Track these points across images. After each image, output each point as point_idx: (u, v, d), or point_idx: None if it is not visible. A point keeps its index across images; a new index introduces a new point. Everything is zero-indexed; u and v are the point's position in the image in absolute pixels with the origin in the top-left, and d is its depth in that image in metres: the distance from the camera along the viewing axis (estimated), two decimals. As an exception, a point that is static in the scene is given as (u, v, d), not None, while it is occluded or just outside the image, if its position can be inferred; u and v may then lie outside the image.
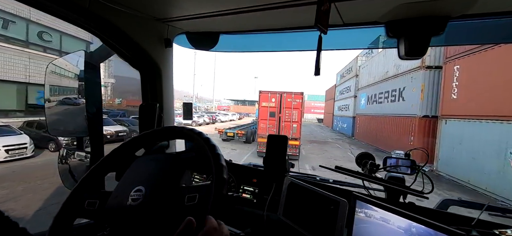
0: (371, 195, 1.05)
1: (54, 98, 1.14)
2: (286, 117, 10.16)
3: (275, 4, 0.86)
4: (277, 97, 10.18)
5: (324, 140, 17.96)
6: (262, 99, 10.38)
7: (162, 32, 1.16)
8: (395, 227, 0.70)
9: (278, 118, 10.14)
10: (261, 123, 10.48)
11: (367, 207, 0.78)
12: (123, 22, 0.97)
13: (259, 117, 10.59)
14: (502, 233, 0.75)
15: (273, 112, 10.24)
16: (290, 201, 1.00)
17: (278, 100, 10.17)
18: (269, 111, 10.22)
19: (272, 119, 10.21)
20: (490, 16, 0.83)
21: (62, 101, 1.16)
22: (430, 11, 0.81)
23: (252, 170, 1.31)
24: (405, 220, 0.69)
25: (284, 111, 10.14)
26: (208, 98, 75.22)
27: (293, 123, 10.12)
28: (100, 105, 1.09)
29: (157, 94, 1.23)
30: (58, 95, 1.16)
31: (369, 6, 0.84)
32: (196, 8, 0.97)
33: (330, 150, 12.98)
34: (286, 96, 10.13)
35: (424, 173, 1.00)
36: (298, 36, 1.18)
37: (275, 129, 10.14)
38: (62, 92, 1.17)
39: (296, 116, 10.12)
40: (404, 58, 0.91)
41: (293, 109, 10.10)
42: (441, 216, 0.90)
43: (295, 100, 10.11)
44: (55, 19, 1.00)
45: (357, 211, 0.80)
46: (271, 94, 10.24)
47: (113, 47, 1.04)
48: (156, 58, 1.17)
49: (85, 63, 1.05)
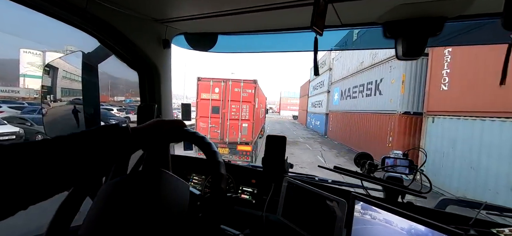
0: (370, 195, 1.06)
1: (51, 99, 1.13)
2: (233, 113, 7.34)
3: (273, 5, 0.86)
4: (222, 86, 7.25)
5: (294, 139, 15.74)
6: (201, 89, 7.33)
7: (160, 33, 1.16)
8: (393, 227, 0.70)
9: (222, 115, 7.32)
10: (200, 122, 7.41)
11: (365, 207, 0.78)
12: (121, 23, 0.96)
13: (198, 113, 7.45)
14: (500, 232, 0.75)
15: (217, 107, 7.31)
16: (289, 202, 1.00)
17: (222, 90, 7.27)
18: (212, 105, 7.33)
19: (216, 116, 7.33)
20: (487, 17, 0.84)
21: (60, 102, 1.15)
22: (427, 12, 0.82)
23: (251, 170, 1.31)
24: (403, 220, 0.69)
25: (230, 106, 7.30)
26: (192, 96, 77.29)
27: (243, 122, 7.38)
28: (98, 106, 1.08)
29: (155, 95, 1.23)
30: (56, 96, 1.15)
31: (367, 7, 0.84)
32: (194, 9, 0.97)
33: (298, 153, 10.82)
34: (233, 84, 7.24)
35: (422, 173, 1.01)
36: (295, 37, 1.18)
37: (219, 130, 7.39)
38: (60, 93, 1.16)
39: (246, 112, 7.38)
40: (402, 59, 0.91)
41: (242, 103, 7.31)
42: (440, 216, 0.91)
43: (245, 90, 7.29)
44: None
45: (356, 211, 0.80)
46: (214, 82, 7.29)
47: (111, 47, 1.04)
48: (154, 59, 1.16)
49: (82, 64, 1.05)
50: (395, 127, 8.52)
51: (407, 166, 1.10)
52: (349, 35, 1.17)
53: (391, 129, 8.82)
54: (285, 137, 1.22)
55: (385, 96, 9.44)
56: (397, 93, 8.59)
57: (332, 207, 0.85)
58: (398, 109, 8.42)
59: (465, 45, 2.84)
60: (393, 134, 8.65)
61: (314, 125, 23.14)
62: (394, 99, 8.77)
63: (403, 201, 1.00)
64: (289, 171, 1.27)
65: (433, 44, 0.94)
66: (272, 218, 1.05)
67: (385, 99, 9.40)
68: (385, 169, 1.11)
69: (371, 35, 1.09)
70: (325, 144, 14.65)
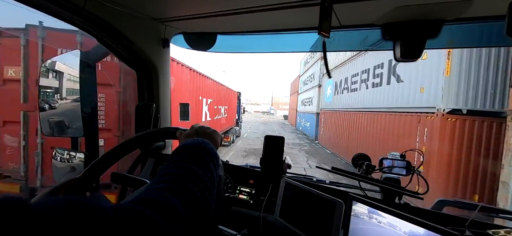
0: (367, 196, 1.06)
1: (49, 98, 1.13)
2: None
3: (272, 5, 0.86)
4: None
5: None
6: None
7: (159, 32, 1.16)
8: (390, 228, 0.71)
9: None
10: None
11: (363, 208, 0.79)
12: (120, 22, 0.96)
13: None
14: (495, 233, 0.76)
15: None
16: (287, 202, 1.00)
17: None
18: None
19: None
20: (485, 20, 0.85)
21: (58, 101, 1.14)
22: (426, 14, 0.82)
23: (249, 171, 1.31)
24: (400, 221, 0.69)
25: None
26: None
27: None
28: (95, 105, 1.08)
29: (153, 94, 1.22)
30: (54, 95, 1.15)
31: (366, 9, 0.85)
32: (194, 8, 0.97)
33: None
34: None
35: (419, 175, 1.01)
36: (294, 38, 1.18)
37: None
38: (57, 93, 1.16)
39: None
40: (400, 60, 0.92)
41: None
42: (436, 217, 0.91)
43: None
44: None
45: (353, 212, 0.80)
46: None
47: (110, 46, 1.04)
48: (153, 58, 1.16)
49: (80, 62, 1.05)
50: (433, 135, 4.51)
51: (405, 167, 1.11)
52: (347, 36, 1.18)
53: (423, 140, 4.80)
54: (283, 137, 1.22)
55: (410, 83, 5.47)
56: (436, 77, 4.60)
57: (329, 208, 0.85)
58: (440, 104, 4.41)
59: (466, 47, 2.73)
60: (429, 149, 4.56)
61: (303, 126, 19.51)
62: (429, 87, 4.81)
63: (400, 202, 1.00)
64: (287, 172, 1.28)
65: (432, 46, 0.94)
66: (269, 218, 1.05)
67: (410, 88, 5.46)
68: (382, 170, 1.11)
69: (369, 37, 1.10)
70: (314, 155, 10.56)
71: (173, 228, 0.33)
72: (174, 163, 0.45)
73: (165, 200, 0.35)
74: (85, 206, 0.27)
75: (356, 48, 1.23)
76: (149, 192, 0.37)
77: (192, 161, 0.46)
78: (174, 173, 0.42)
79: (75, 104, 1.08)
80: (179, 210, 0.35)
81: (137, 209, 0.32)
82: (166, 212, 0.34)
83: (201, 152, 0.49)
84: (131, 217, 0.30)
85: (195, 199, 0.39)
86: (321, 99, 14.39)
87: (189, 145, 0.50)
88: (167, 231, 0.32)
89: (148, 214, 0.31)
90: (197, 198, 0.39)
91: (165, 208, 0.34)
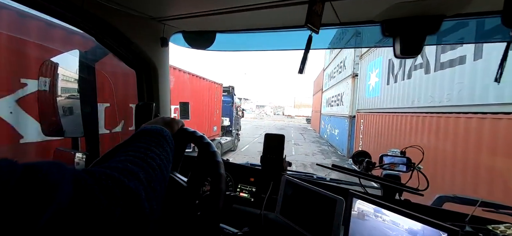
0: (368, 193, 1.06)
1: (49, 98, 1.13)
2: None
3: (272, 3, 0.86)
4: None
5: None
6: None
7: (158, 31, 1.15)
8: (391, 224, 0.71)
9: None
10: None
11: (363, 205, 0.79)
12: (119, 21, 0.96)
13: None
14: (495, 229, 0.76)
15: None
16: (288, 200, 1.00)
17: None
18: None
19: None
20: (485, 15, 0.84)
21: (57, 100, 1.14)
22: (425, 10, 0.82)
23: (250, 169, 1.31)
24: (401, 217, 0.70)
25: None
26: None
27: None
28: (95, 104, 1.08)
29: (153, 93, 1.22)
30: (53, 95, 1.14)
31: (365, 6, 0.84)
32: (192, 7, 0.96)
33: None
34: None
35: (419, 171, 1.01)
36: (295, 35, 1.17)
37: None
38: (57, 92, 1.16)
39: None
40: (400, 57, 0.91)
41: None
42: (436, 213, 0.91)
43: None
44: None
45: (353, 209, 0.81)
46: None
47: (109, 46, 1.03)
48: (152, 57, 1.16)
49: (79, 62, 1.04)
50: None
51: (405, 164, 1.11)
52: (347, 33, 1.17)
53: None
54: (283, 135, 1.22)
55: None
56: None
57: (330, 205, 0.86)
58: None
59: (465, 43, 2.70)
60: None
61: (330, 134, 14.31)
62: None
63: (401, 198, 1.00)
64: (288, 169, 1.28)
65: (432, 42, 0.94)
66: (270, 216, 1.05)
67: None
68: (383, 167, 1.11)
69: (369, 33, 1.09)
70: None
71: (137, 188, 0.39)
72: (134, 145, 0.52)
73: (128, 167, 0.42)
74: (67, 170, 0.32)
75: (355, 45, 1.23)
76: (113, 163, 0.43)
77: (152, 143, 0.54)
78: (134, 151, 0.49)
79: (75, 103, 1.08)
80: (140, 175, 0.42)
81: (107, 172, 0.38)
82: (129, 175, 0.40)
83: (158, 136, 0.57)
84: (103, 180, 0.36)
85: (153, 169, 0.46)
86: (357, 95, 9.50)
87: (147, 130, 0.58)
88: (132, 191, 0.38)
89: (115, 176, 0.38)
90: (154, 169, 0.46)
91: (129, 172, 0.41)
